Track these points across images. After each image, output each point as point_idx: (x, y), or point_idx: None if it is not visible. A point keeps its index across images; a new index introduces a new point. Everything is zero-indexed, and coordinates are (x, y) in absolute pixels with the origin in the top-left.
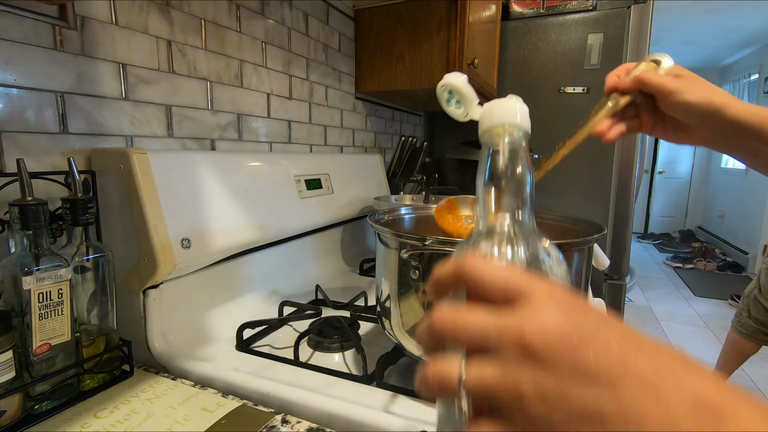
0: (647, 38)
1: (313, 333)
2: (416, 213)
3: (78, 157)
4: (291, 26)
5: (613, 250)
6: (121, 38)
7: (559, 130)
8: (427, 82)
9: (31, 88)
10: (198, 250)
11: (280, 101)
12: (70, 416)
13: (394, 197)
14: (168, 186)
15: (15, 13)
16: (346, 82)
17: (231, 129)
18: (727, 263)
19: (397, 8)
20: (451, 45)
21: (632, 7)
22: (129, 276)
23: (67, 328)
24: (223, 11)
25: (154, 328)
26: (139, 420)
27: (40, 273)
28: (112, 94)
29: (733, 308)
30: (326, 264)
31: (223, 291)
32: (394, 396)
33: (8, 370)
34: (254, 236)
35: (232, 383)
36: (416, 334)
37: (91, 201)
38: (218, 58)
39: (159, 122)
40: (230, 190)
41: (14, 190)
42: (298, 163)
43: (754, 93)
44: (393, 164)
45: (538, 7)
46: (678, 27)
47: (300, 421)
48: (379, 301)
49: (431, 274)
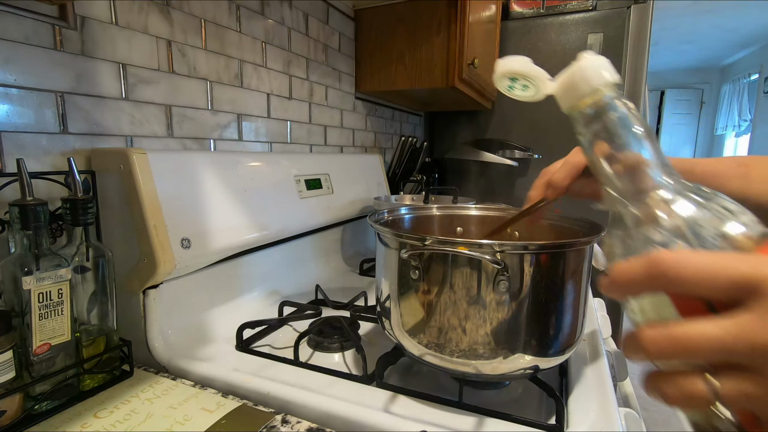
0: (647, 38)
1: (313, 333)
2: (416, 213)
3: (78, 157)
4: (291, 26)
5: None
6: (121, 38)
7: (559, 129)
8: (427, 82)
9: (31, 88)
10: (198, 250)
11: (280, 101)
12: (70, 416)
13: (394, 197)
14: (168, 186)
15: (15, 13)
16: (346, 82)
17: (231, 129)
18: None
19: (397, 8)
20: (451, 45)
21: (632, 7)
22: (129, 276)
23: (67, 328)
24: (223, 11)
25: (154, 328)
26: (139, 420)
27: (40, 273)
28: (112, 94)
29: None
30: (326, 264)
31: (223, 291)
32: (394, 396)
33: (8, 370)
34: (254, 236)
35: (232, 383)
36: (641, 346)
37: (91, 201)
38: (218, 58)
39: (159, 122)
40: (230, 190)
41: (14, 190)
42: (298, 163)
43: (754, 93)
44: (393, 164)
45: (538, 7)
46: (678, 27)
47: (300, 421)
48: (379, 301)
49: (610, 272)
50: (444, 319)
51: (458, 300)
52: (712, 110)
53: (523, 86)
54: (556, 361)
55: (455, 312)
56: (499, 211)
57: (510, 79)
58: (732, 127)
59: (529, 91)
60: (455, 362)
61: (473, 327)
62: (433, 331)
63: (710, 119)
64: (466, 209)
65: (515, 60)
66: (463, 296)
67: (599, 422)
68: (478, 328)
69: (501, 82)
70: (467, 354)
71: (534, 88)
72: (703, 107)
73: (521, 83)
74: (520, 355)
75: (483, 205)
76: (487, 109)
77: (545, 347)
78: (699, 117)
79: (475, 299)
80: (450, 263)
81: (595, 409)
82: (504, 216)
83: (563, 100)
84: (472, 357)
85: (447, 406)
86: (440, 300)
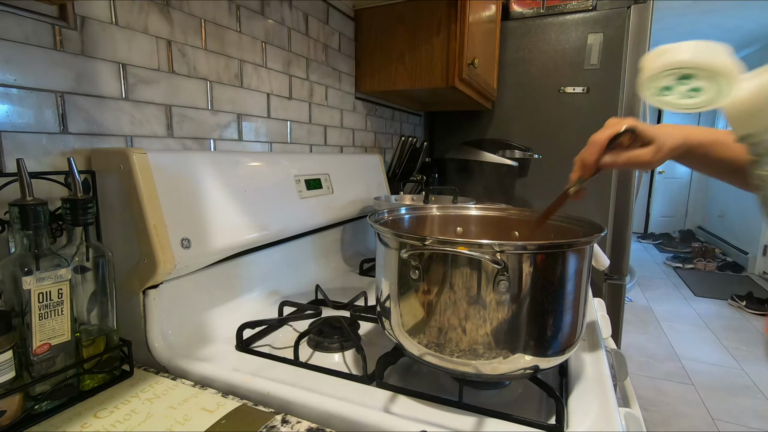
0: (647, 38)
1: (313, 333)
2: (416, 213)
3: (78, 157)
4: (291, 26)
5: (613, 250)
6: (121, 38)
7: (559, 129)
8: (427, 82)
9: (31, 88)
10: (198, 250)
11: (280, 101)
12: (70, 416)
13: (394, 197)
14: (168, 186)
15: (15, 13)
16: (346, 82)
17: (231, 129)
18: (727, 263)
19: (397, 8)
20: (451, 45)
21: (632, 7)
22: (129, 276)
23: (67, 328)
24: (223, 11)
25: (154, 328)
26: (139, 420)
27: (40, 273)
28: (112, 94)
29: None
30: (326, 264)
31: (223, 291)
32: (394, 396)
33: (8, 370)
34: (254, 236)
35: (232, 383)
36: None
37: (91, 201)
38: (218, 58)
39: (159, 122)
40: (230, 190)
41: (14, 190)
42: (298, 163)
43: None
44: (393, 164)
45: (538, 7)
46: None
47: (300, 421)
48: (379, 301)
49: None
50: (444, 319)
51: (458, 300)
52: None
53: (692, 89)
54: (556, 361)
55: (455, 312)
56: (499, 211)
57: (678, 79)
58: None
59: (701, 97)
60: (455, 362)
61: (473, 327)
62: (433, 331)
63: (710, 119)
64: (466, 209)
65: (686, 49)
66: (463, 296)
67: (599, 422)
68: (478, 328)
69: (658, 80)
70: (467, 354)
71: (713, 92)
72: None
73: (691, 87)
74: (520, 355)
75: (483, 205)
76: (487, 109)
77: (545, 347)
78: (699, 117)
79: (475, 299)
80: (450, 263)
81: (595, 409)
82: (504, 216)
83: (751, 120)
84: (472, 357)
85: (447, 406)
86: (440, 300)
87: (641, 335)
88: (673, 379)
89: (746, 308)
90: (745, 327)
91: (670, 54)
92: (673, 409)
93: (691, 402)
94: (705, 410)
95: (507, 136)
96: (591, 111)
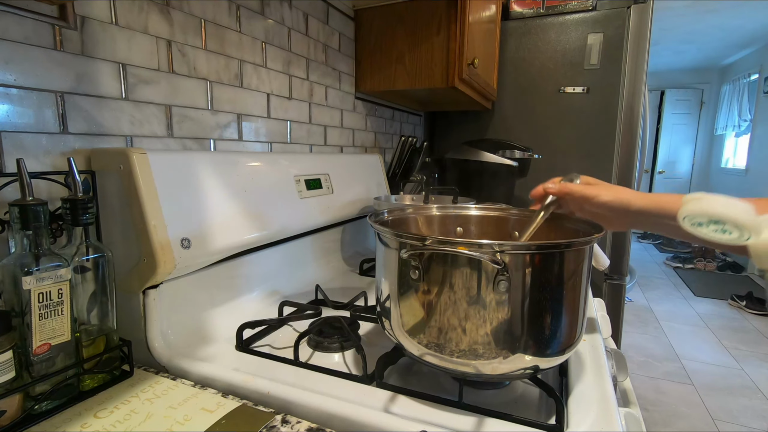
0: (647, 38)
1: (313, 333)
2: (416, 213)
3: (78, 157)
4: (291, 26)
5: (613, 250)
6: (121, 38)
7: (559, 129)
8: (427, 82)
9: (31, 88)
10: (198, 250)
11: (279, 101)
12: (70, 416)
13: (394, 197)
14: (168, 186)
15: (15, 13)
16: (346, 82)
17: (231, 129)
18: (727, 263)
19: (397, 8)
20: (451, 45)
21: (632, 7)
22: (129, 276)
23: (67, 328)
24: (223, 11)
25: (154, 328)
26: (139, 420)
27: (40, 273)
28: (112, 94)
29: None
30: (326, 264)
31: (223, 291)
32: (394, 396)
33: (8, 370)
34: (254, 236)
35: (232, 383)
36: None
37: (91, 201)
38: (218, 58)
39: (159, 122)
40: (230, 190)
41: (14, 190)
42: (298, 163)
43: (754, 93)
44: (393, 164)
45: (538, 7)
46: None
47: (300, 421)
48: (379, 301)
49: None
50: (444, 319)
51: (458, 300)
52: (712, 110)
53: (721, 230)
54: (556, 361)
55: (455, 312)
56: (499, 211)
57: (710, 223)
58: (732, 127)
59: (733, 233)
60: (455, 362)
61: (473, 327)
62: (433, 331)
63: (710, 119)
64: (466, 209)
65: (717, 202)
66: (463, 296)
67: (599, 422)
68: (478, 328)
69: (693, 220)
70: (467, 354)
71: (738, 232)
72: (703, 107)
73: (720, 226)
74: (520, 355)
75: (483, 205)
76: (487, 109)
77: (545, 347)
78: (699, 117)
79: (475, 299)
80: (450, 263)
81: (595, 409)
82: (504, 216)
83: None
84: (472, 357)
85: (447, 406)
86: (440, 300)
87: (641, 335)
88: (673, 379)
89: (746, 308)
90: (745, 327)
91: (696, 204)
92: (673, 409)
93: (691, 402)
94: (705, 410)
95: (507, 136)
96: (591, 111)
